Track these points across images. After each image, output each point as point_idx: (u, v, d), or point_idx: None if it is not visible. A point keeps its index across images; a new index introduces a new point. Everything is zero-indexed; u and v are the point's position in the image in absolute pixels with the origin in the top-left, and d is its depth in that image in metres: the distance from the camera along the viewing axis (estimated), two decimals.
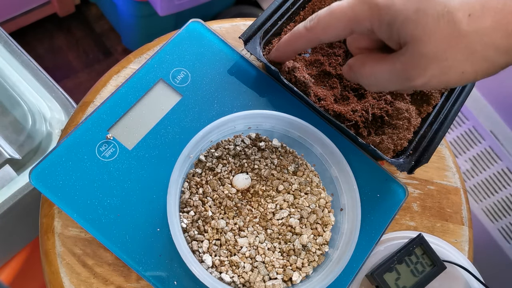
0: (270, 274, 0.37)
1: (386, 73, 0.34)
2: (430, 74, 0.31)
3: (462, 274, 0.45)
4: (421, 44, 0.31)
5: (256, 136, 0.41)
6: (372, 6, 0.32)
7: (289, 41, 0.39)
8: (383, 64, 0.34)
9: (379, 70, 0.34)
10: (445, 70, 0.31)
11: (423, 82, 0.32)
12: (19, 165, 0.56)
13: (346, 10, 0.34)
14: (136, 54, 0.48)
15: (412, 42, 0.31)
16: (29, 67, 0.59)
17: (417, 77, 0.32)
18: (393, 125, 0.44)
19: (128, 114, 0.41)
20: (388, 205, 0.43)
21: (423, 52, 0.31)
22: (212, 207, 0.39)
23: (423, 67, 0.31)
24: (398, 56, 0.33)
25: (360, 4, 0.33)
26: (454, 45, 0.30)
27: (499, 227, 0.84)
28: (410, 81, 0.33)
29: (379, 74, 0.35)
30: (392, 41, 0.33)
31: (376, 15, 0.32)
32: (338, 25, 0.35)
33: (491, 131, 0.82)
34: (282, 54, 0.42)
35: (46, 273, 0.41)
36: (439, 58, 0.31)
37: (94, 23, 1.23)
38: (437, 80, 0.32)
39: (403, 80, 0.33)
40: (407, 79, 0.33)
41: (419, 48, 0.31)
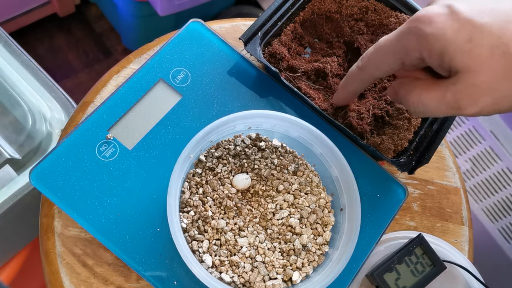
0: (270, 274, 0.37)
1: (435, 102, 0.33)
2: (483, 104, 0.31)
3: (462, 274, 0.45)
4: (475, 75, 0.30)
5: (256, 136, 0.41)
6: (420, 36, 0.32)
7: (346, 84, 0.39)
8: (432, 93, 0.33)
9: (427, 99, 0.34)
10: (498, 101, 0.31)
11: (475, 111, 0.32)
12: (19, 165, 0.56)
13: (394, 44, 0.33)
14: (136, 54, 0.48)
15: (465, 72, 0.31)
16: (29, 67, 0.59)
17: (468, 107, 0.31)
18: (394, 125, 0.44)
19: (128, 114, 0.41)
20: (388, 205, 0.43)
21: (476, 83, 0.30)
22: (212, 207, 0.39)
23: (476, 98, 0.31)
24: (448, 85, 0.32)
25: (407, 35, 0.32)
26: (509, 77, 0.30)
27: (499, 227, 0.84)
28: (461, 111, 0.32)
29: (427, 102, 0.34)
30: (443, 69, 0.32)
31: (425, 46, 0.32)
32: (388, 60, 0.34)
33: (491, 131, 0.82)
34: (343, 98, 0.42)
35: (46, 273, 0.41)
36: (493, 89, 0.30)
37: (94, 23, 1.22)
38: (489, 109, 0.31)
39: (454, 109, 0.32)
40: (458, 108, 0.32)
41: (472, 78, 0.30)
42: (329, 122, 0.44)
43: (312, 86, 0.45)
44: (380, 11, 0.48)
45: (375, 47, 0.35)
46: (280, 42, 0.45)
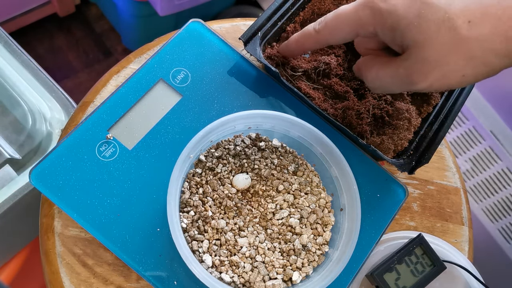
0: (270, 274, 0.37)
1: (389, 78, 0.35)
2: (432, 78, 0.32)
3: (462, 274, 0.45)
4: (423, 49, 0.32)
5: (256, 136, 0.41)
6: (374, 11, 0.33)
7: (299, 40, 0.40)
8: (387, 68, 0.35)
9: (383, 75, 0.36)
10: (446, 74, 0.32)
11: (426, 86, 0.33)
12: (19, 165, 0.56)
13: (351, 14, 0.35)
14: (136, 54, 0.48)
15: (415, 47, 0.32)
16: (29, 67, 0.59)
17: (419, 81, 0.33)
18: (394, 126, 0.44)
19: (128, 114, 0.41)
20: (388, 205, 0.43)
21: (425, 57, 0.32)
22: (212, 207, 0.39)
23: (425, 72, 0.32)
24: (401, 61, 0.34)
25: (363, 9, 0.34)
26: (454, 51, 0.31)
27: (499, 227, 0.84)
28: (413, 85, 0.34)
29: (383, 78, 0.36)
30: (395, 44, 0.34)
31: (379, 20, 0.33)
32: (344, 28, 0.36)
33: (491, 131, 0.82)
34: (291, 51, 0.43)
35: (46, 273, 0.41)
36: (440, 63, 0.32)
37: (94, 23, 1.22)
38: (439, 83, 0.33)
39: (406, 84, 0.34)
40: (410, 83, 0.34)
41: (421, 53, 0.32)
42: (329, 122, 0.44)
43: (312, 86, 0.45)
44: None
45: (334, 14, 0.36)
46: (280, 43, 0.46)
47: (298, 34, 0.41)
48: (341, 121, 0.44)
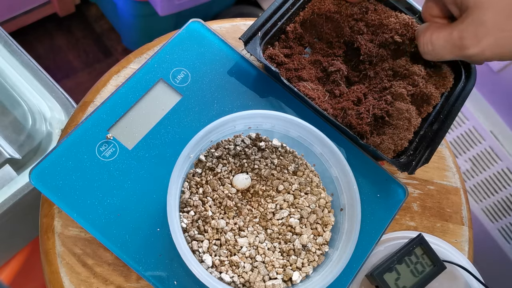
0: (270, 274, 0.37)
1: (442, 41, 0.35)
2: (485, 43, 0.32)
3: (462, 274, 0.45)
4: (482, 11, 0.31)
5: (256, 136, 0.41)
6: None
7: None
8: (441, 32, 0.35)
9: (436, 38, 0.35)
10: (500, 42, 0.31)
11: (477, 51, 0.32)
12: (19, 165, 0.56)
13: None
14: (136, 54, 0.48)
15: (474, 7, 0.31)
16: (29, 67, 0.59)
17: (471, 45, 0.32)
18: (394, 125, 0.44)
19: (128, 114, 0.42)
20: (388, 205, 0.43)
21: (482, 19, 0.31)
22: (212, 207, 0.39)
23: (480, 36, 0.32)
24: (456, 24, 0.33)
25: None
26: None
27: (499, 227, 0.84)
28: (464, 49, 0.33)
29: (435, 41, 0.35)
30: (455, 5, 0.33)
31: None
32: None
33: (491, 131, 0.82)
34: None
35: (46, 272, 0.41)
36: (497, 28, 0.31)
37: (94, 23, 1.22)
38: (491, 51, 0.32)
39: (458, 48, 0.33)
40: (462, 47, 0.33)
41: (479, 15, 0.31)
42: (329, 122, 0.44)
43: (312, 86, 0.45)
44: (380, 11, 0.48)
45: None
46: (280, 45, 0.46)
47: None
48: (341, 121, 0.44)
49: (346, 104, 0.44)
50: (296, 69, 0.45)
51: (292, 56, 0.46)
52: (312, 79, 0.45)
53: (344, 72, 0.45)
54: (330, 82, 0.45)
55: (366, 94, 0.46)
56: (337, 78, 0.45)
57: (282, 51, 0.45)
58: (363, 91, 0.45)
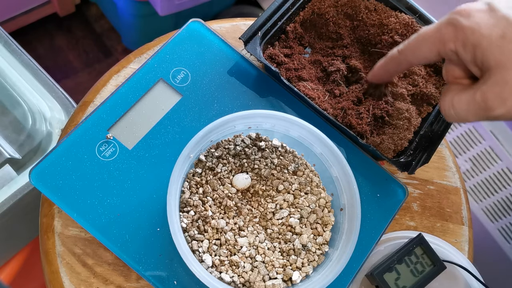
0: (270, 274, 0.37)
1: (465, 105, 0.33)
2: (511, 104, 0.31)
3: (462, 274, 0.45)
4: (505, 71, 0.30)
5: (256, 136, 0.41)
6: (457, 28, 0.32)
7: (384, 63, 0.40)
8: (463, 95, 0.33)
9: (458, 101, 0.34)
10: None
11: (503, 111, 0.31)
12: (19, 164, 0.56)
13: (433, 31, 0.34)
14: (136, 54, 0.48)
15: (496, 68, 0.31)
16: (29, 67, 0.59)
17: (497, 107, 0.31)
18: (394, 125, 0.44)
19: (128, 114, 0.42)
20: (388, 205, 0.43)
21: (506, 79, 0.30)
22: (212, 206, 0.39)
23: (505, 97, 0.31)
24: (479, 85, 0.32)
25: (446, 26, 0.33)
26: None
27: (499, 227, 0.84)
28: (490, 111, 0.32)
29: (457, 105, 0.34)
30: (475, 66, 0.32)
31: (460, 37, 0.32)
32: (425, 46, 0.35)
33: (491, 131, 0.82)
34: (378, 77, 0.42)
35: (46, 272, 0.41)
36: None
37: (94, 22, 1.22)
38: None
39: (483, 110, 0.32)
40: (487, 109, 0.32)
41: (502, 75, 0.30)
42: (329, 122, 0.44)
43: (312, 86, 0.45)
44: (380, 11, 0.48)
45: (416, 34, 0.36)
46: (280, 45, 0.46)
47: (384, 59, 0.40)
48: (341, 121, 0.44)
49: (346, 104, 0.44)
50: (296, 69, 0.45)
51: (292, 56, 0.46)
52: (312, 79, 0.45)
53: (344, 72, 0.45)
54: (330, 82, 0.45)
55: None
56: (337, 78, 0.45)
57: (282, 51, 0.45)
58: (363, 91, 0.45)
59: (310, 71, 0.45)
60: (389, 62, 0.39)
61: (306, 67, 0.46)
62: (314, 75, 0.46)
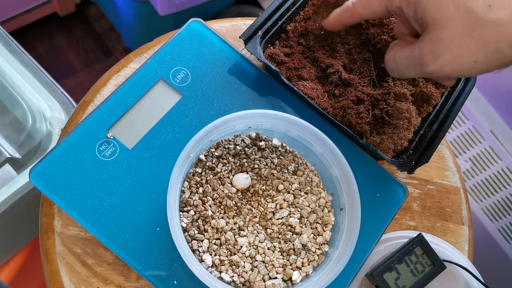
0: (270, 274, 0.37)
1: (404, 59, 0.35)
2: (444, 60, 0.32)
3: (462, 274, 0.45)
4: (439, 28, 0.32)
5: (256, 136, 0.41)
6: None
7: (339, 14, 0.42)
8: (404, 50, 0.36)
9: (399, 56, 0.36)
10: (457, 58, 0.32)
11: (436, 68, 0.33)
12: (19, 164, 0.56)
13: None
14: (136, 54, 0.48)
15: (432, 25, 0.32)
16: (29, 67, 0.59)
17: (430, 63, 0.33)
18: (394, 125, 0.44)
19: (128, 114, 0.42)
20: (388, 205, 0.43)
21: (439, 37, 0.32)
22: (212, 206, 0.39)
23: (437, 53, 0.32)
24: (417, 42, 0.34)
25: None
26: (468, 33, 0.31)
27: (499, 227, 0.84)
28: (424, 67, 0.34)
29: (398, 59, 0.36)
30: (417, 22, 0.34)
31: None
32: (374, 2, 0.37)
33: (491, 131, 0.82)
34: (332, 24, 0.43)
35: (46, 272, 0.41)
36: (453, 45, 0.32)
37: (95, 22, 1.22)
38: (450, 68, 0.33)
39: (419, 65, 0.34)
40: (422, 64, 0.34)
41: (436, 32, 0.32)
42: (329, 122, 0.44)
43: (312, 85, 0.45)
44: None
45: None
46: (280, 44, 0.46)
47: (339, 8, 0.42)
48: (341, 120, 0.44)
49: (346, 103, 0.44)
50: (296, 68, 0.45)
51: (292, 55, 0.46)
52: (312, 78, 0.45)
53: (343, 75, 0.45)
54: (328, 83, 0.45)
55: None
56: (335, 79, 0.45)
57: (283, 50, 0.45)
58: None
59: (310, 70, 0.45)
60: (343, 13, 0.41)
61: (306, 67, 0.46)
62: (314, 74, 0.46)
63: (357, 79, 0.46)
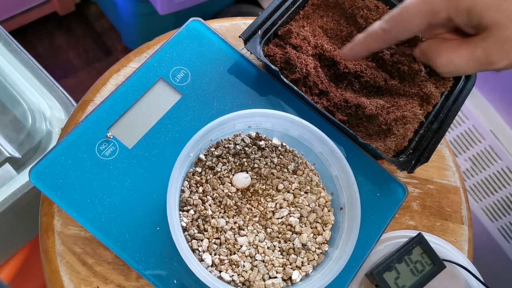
0: (269, 273, 0.37)
1: (464, 60, 0.35)
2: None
3: (462, 273, 0.45)
4: (505, 28, 0.33)
5: (256, 135, 0.41)
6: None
7: (365, 42, 0.40)
8: (461, 51, 0.35)
9: (457, 58, 0.36)
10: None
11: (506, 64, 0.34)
12: (19, 163, 0.56)
13: (420, 4, 0.35)
14: (136, 53, 0.48)
15: (495, 26, 0.33)
16: (29, 66, 0.59)
17: (500, 60, 0.34)
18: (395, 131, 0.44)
19: (128, 113, 0.42)
20: (388, 204, 0.43)
21: (507, 36, 0.33)
22: (212, 206, 0.39)
23: (508, 51, 0.33)
24: (478, 42, 0.34)
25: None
26: None
27: (499, 227, 0.84)
28: (492, 65, 0.34)
29: (457, 61, 0.36)
30: (470, 26, 0.34)
31: (453, 4, 0.34)
32: (415, 21, 0.36)
33: (491, 130, 0.82)
34: (356, 53, 0.42)
35: (46, 271, 0.41)
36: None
37: (94, 21, 1.22)
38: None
39: (485, 64, 0.35)
40: (489, 63, 0.34)
41: (503, 32, 0.33)
42: (329, 121, 0.44)
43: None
44: (381, 10, 0.48)
45: (401, 9, 0.36)
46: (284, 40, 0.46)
47: (363, 36, 0.40)
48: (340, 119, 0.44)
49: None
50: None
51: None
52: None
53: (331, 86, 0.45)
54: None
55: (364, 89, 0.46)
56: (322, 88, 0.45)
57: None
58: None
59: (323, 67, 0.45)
60: (372, 40, 0.39)
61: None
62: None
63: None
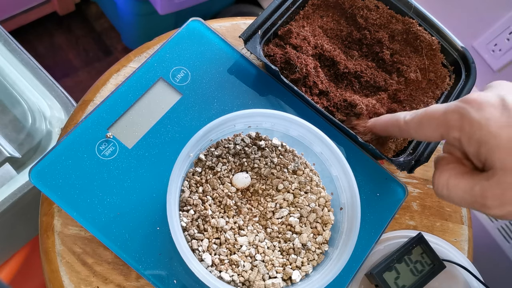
0: (269, 273, 0.37)
1: (461, 192, 0.32)
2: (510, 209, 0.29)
3: (462, 273, 0.45)
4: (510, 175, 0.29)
5: (256, 135, 0.41)
6: (464, 118, 0.30)
7: (386, 124, 0.39)
8: (461, 181, 0.32)
9: (454, 186, 0.32)
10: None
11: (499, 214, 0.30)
12: (19, 163, 0.56)
13: (439, 113, 0.32)
14: (136, 53, 0.48)
15: (501, 171, 0.29)
16: (29, 66, 0.59)
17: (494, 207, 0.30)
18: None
19: (128, 113, 0.41)
20: (388, 204, 0.43)
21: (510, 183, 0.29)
22: (212, 206, 0.39)
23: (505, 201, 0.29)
24: (480, 179, 0.31)
25: (453, 112, 0.31)
26: None
27: (499, 227, 0.84)
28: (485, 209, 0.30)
29: (453, 189, 0.32)
30: (477, 159, 0.31)
31: (466, 129, 0.30)
32: (430, 126, 0.33)
33: None
34: (376, 131, 0.41)
35: (46, 271, 0.41)
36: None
37: (94, 21, 1.22)
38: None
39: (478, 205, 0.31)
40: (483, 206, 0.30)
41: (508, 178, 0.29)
42: (329, 121, 0.44)
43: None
44: (381, 10, 0.48)
45: (424, 110, 0.34)
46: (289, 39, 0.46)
47: (389, 117, 0.38)
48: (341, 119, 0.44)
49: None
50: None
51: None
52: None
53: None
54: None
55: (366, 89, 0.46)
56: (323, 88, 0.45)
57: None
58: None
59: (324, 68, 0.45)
60: (392, 125, 0.38)
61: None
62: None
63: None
